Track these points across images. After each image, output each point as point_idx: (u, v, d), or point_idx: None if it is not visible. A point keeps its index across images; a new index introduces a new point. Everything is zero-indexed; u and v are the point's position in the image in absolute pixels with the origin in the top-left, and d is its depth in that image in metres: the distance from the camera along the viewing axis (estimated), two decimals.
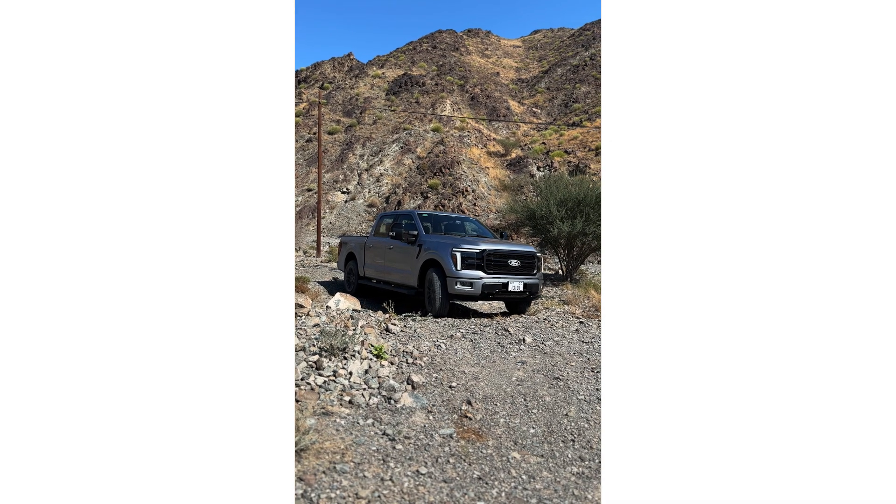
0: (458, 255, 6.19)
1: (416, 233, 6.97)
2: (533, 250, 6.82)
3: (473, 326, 5.82)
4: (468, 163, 27.90)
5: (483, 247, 6.34)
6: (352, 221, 27.49)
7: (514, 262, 6.55)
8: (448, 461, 2.50)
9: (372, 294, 8.35)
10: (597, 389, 3.77)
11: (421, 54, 56.09)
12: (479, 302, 7.75)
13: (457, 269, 6.17)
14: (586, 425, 3.10)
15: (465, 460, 2.53)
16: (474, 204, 24.64)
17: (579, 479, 2.44)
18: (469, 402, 3.33)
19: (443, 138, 31.00)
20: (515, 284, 6.41)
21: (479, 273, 6.22)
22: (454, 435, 2.82)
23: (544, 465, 2.56)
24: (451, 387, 3.64)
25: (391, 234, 7.25)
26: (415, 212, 7.65)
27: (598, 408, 3.41)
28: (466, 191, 25.21)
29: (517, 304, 7.11)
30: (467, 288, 6.15)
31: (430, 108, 37.90)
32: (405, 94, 41.95)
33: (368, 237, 8.29)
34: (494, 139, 32.86)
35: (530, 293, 6.63)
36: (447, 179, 26.24)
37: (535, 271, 6.75)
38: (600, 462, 2.62)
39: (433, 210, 17.33)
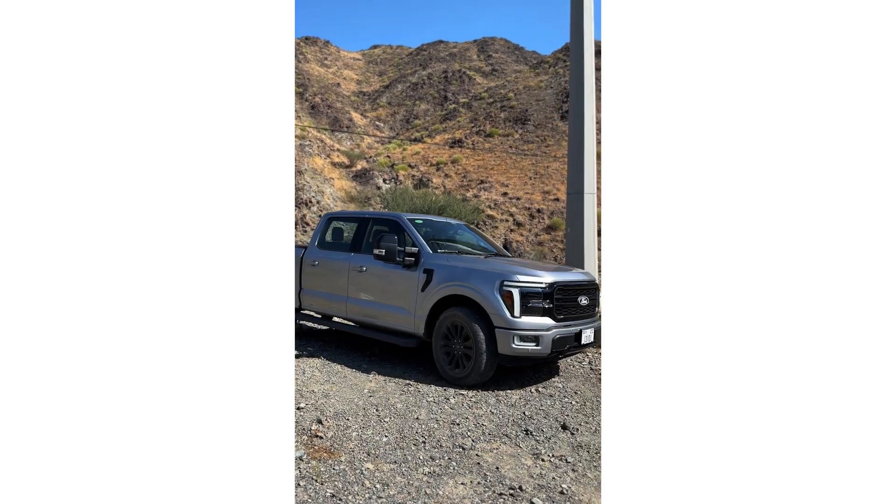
0: (516, 293, 3.86)
1: (416, 250, 4.56)
2: (595, 278, 4.79)
3: (321, 342, 5.63)
4: (311, 173, 26.93)
5: (550, 279, 4.04)
6: None
7: (583, 301, 4.31)
8: (299, 485, 2.39)
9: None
10: (444, 389, 4.00)
11: None
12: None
13: (513, 316, 3.85)
14: (436, 425, 3.27)
15: (316, 480, 2.45)
16: (319, 215, 23.86)
17: (431, 478, 2.56)
18: (319, 421, 3.23)
19: None
20: (588, 333, 4.22)
21: (547, 321, 3.92)
22: (304, 457, 2.70)
23: (398, 471, 2.62)
24: (299, 408, 3.47)
25: (377, 252, 4.52)
26: (403, 216, 5.01)
27: (445, 407, 3.62)
28: (311, 201, 24.29)
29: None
30: (530, 346, 3.84)
31: None
32: None
33: (308, 248, 5.60)
34: (339, 150, 32.38)
35: (596, 340, 4.47)
36: None
37: (597, 308, 4.66)
38: (450, 459, 2.80)
39: None
